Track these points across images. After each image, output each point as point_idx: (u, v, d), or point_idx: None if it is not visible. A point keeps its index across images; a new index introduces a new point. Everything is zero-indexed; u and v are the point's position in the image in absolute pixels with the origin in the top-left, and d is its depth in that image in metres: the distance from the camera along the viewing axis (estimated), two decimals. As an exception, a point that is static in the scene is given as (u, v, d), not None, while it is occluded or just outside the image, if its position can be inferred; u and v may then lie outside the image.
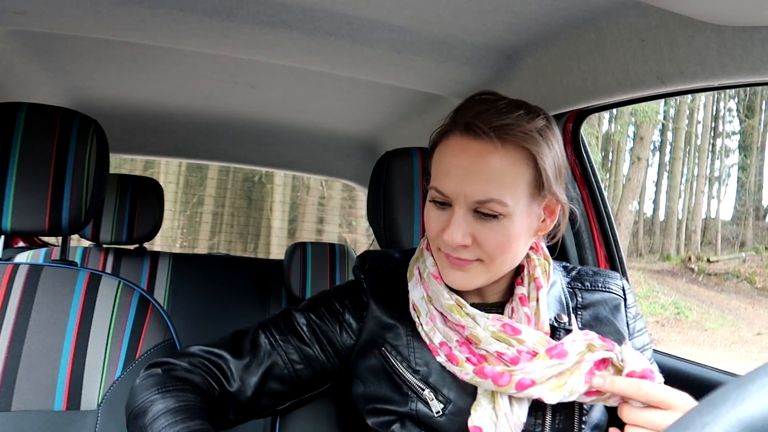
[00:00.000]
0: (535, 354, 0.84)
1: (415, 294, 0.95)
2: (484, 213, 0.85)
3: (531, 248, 0.97)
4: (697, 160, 14.35)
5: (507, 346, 0.85)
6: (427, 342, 0.91)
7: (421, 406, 0.90)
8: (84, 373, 1.03)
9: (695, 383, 1.25)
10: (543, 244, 1.01)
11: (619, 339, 0.94)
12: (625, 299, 1.02)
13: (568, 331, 0.92)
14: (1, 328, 1.02)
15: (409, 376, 0.92)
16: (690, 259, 13.17)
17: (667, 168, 14.47)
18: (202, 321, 2.17)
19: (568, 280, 1.03)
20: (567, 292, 1.00)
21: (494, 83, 1.60)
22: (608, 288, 1.02)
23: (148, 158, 5.37)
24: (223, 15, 1.31)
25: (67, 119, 1.14)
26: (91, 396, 1.03)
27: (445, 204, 0.88)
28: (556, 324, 0.94)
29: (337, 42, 1.42)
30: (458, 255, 0.87)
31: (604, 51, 1.22)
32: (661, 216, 14.91)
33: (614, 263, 1.62)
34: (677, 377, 1.29)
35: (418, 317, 0.93)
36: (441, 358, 0.89)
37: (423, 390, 0.90)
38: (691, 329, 10.00)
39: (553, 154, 0.90)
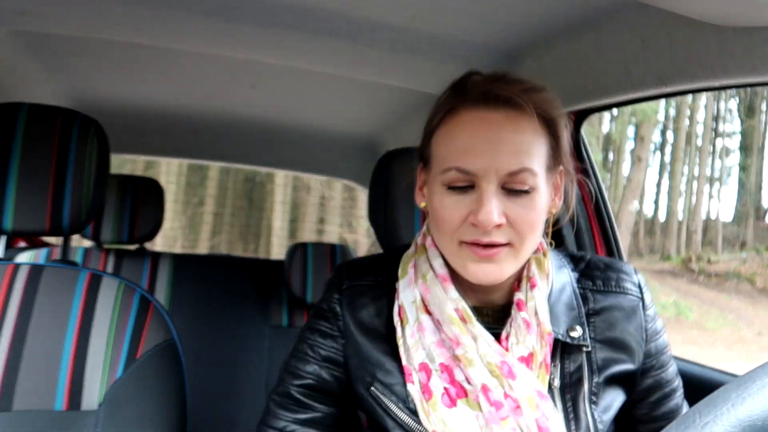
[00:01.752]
0: (518, 407, 0.77)
1: (406, 296, 0.87)
2: (515, 188, 0.78)
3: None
4: (697, 161, 14.34)
5: (497, 384, 0.79)
6: (404, 361, 0.84)
7: None
8: (85, 373, 1.03)
9: (695, 383, 1.25)
10: (543, 238, 0.92)
11: (633, 352, 0.90)
12: (642, 300, 0.93)
13: (580, 348, 0.86)
14: (2, 329, 1.02)
15: (407, 419, 0.83)
16: (690, 259, 13.17)
17: (668, 168, 14.47)
18: (202, 321, 2.17)
19: (577, 275, 0.94)
20: (578, 294, 0.91)
21: (495, 83, 1.60)
22: (624, 288, 0.93)
23: (149, 158, 5.37)
24: (224, 15, 1.31)
25: (67, 119, 1.14)
26: (92, 396, 1.02)
27: (466, 186, 0.79)
28: (568, 340, 0.86)
29: (338, 42, 1.42)
30: (491, 239, 0.77)
31: (604, 51, 1.22)
32: (662, 216, 14.91)
33: (615, 263, 1.62)
34: (678, 377, 1.29)
35: (402, 327, 0.85)
36: (413, 387, 0.82)
37: None
38: (691, 329, 9.99)
39: (564, 118, 0.84)
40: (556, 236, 1.61)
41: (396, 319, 0.86)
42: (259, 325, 2.24)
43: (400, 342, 0.84)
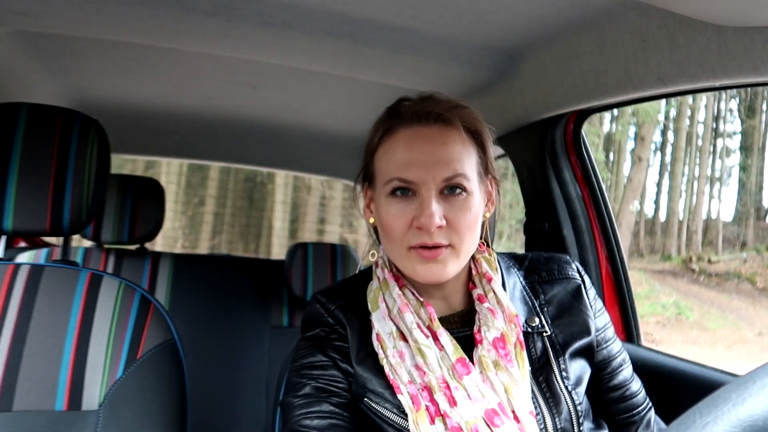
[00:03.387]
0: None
1: (383, 328, 0.93)
2: (452, 189, 0.88)
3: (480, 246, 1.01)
4: (698, 161, 14.33)
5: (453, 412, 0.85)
6: (391, 377, 0.89)
7: None
8: (85, 374, 1.03)
9: (695, 383, 1.25)
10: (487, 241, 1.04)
11: (587, 325, 0.99)
12: (583, 281, 1.05)
13: (541, 335, 0.96)
14: (3, 329, 1.02)
15: (399, 420, 0.88)
16: (691, 259, 13.15)
17: (668, 168, 14.46)
18: (203, 321, 2.18)
19: (523, 273, 1.05)
20: (528, 290, 1.02)
21: (495, 83, 1.60)
22: (566, 275, 1.05)
23: (149, 158, 5.37)
24: (224, 15, 1.31)
25: (68, 119, 1.14)
26: (93, 396, 1.03)
27: (408, 192, 0.89)
28: (530, 330, 0.96)
29: (339, 42, 1.42)
30: (435, 241, 0.87)
31: (605, 51, 1.22)
32: (662, 216, 14.90)
33: (615, 263, 1.62)
34: (677, 377, 1.29)
35: (384, 351, 0.91)
36: (404, 398, 0.87)
37: None
38: (692, 329, 9.98)
39: (488, 133, 0.97)
40: (556, 237, 1.61)
41: (376, 344, 0.92)
42: (260, 324, 2.24)
43: (383, 362, 0.90)
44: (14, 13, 1.33)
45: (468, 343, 0.91)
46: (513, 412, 0.85)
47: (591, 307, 1.03)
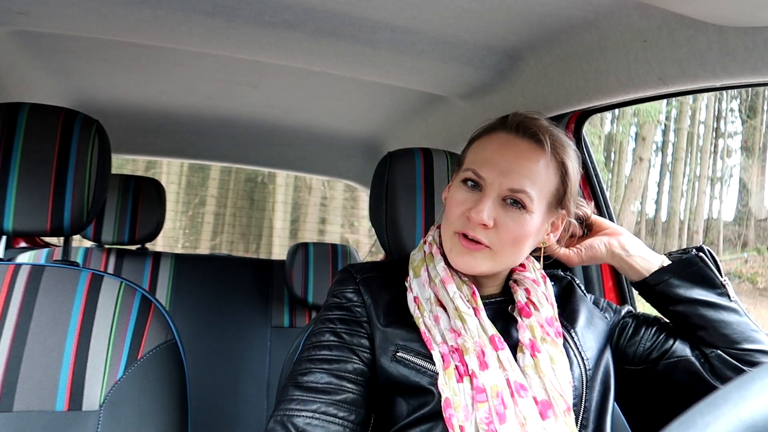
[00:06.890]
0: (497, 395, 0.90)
1: (422, 293, 0.98)
2: (512, 201, 0.93)
3: (528, 260, 1.06)
4: (699, 161, 14.32)
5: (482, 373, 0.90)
6: (426, 335, 0.94)
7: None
8: (86, 374, 1.03)
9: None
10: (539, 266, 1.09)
11: (601, 311, 1.11)
12: (573, 279, 1.15)
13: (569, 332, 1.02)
14: (3, 329, 1.02)
15: (433, 367, 0.92)
16: (692, 259, 13.08)
17: (669, 168, 14.45)
18: (204, 321, 2.17)
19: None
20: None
21: (496, 84, 1.60)
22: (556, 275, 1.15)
23: (150, 158, 5.37)
24: (225, 15, 1.31)
25: (69, 119, 1.14)
26: (93, 396, 1.03)
27: (476, 186, 0.95)
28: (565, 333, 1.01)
29: (340, 42, 1.42)
30: (475, 234, 0.93)
31: (606, 51, 1.21)
32: (663, 216, 14.88)
33: (616, 263, 1.62)
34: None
35: (421, 312, 0.96)
36: (435, 354, 0.91)
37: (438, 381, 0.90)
38: (693, 330, 9.95)
39: (577, 175, 1.00)
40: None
41: (413, 305, 0.97)
42: (261, 325, 2.24)
43: (419, 321, 0.95)
44: (14, 13, 1.33)
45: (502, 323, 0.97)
46: (551, 385, 0.89)
47: (596, 304, 1.12)
